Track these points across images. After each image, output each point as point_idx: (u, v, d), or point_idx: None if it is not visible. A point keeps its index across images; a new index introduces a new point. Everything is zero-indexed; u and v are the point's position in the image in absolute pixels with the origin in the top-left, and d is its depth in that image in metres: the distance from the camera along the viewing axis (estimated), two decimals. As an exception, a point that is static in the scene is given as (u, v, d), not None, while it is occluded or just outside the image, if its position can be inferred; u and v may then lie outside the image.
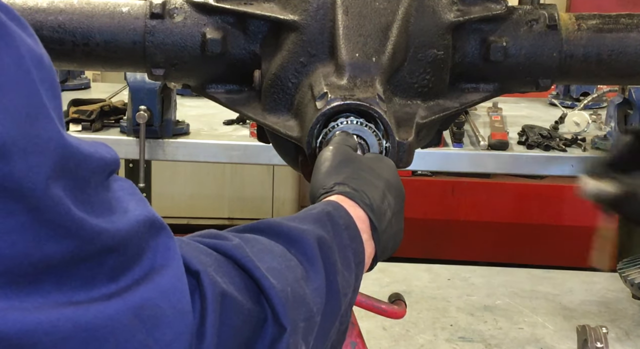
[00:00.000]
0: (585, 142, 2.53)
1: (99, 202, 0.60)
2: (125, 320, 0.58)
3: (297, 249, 0.77)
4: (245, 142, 2.41)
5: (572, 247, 4.07)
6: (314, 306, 0.74)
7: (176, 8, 1.20)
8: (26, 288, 0.54)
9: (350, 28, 1.10)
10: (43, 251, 0.55)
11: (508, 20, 1.22)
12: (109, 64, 1.25)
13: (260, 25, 1.18)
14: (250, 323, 0.68)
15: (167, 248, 0.63)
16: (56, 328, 0.55)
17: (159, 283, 0.61)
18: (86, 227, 0.57)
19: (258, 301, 0.69)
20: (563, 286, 1.72)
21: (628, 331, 1.51)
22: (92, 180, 0.60)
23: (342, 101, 1.02)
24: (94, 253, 0.58)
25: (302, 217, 0.82)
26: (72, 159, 0.58)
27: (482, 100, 1.24)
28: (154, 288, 0.60)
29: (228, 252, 0.70)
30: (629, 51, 1.21)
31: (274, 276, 0.70)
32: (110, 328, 0.57)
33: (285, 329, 0.69)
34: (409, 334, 1.49)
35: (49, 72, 0.59)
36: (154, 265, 0.61)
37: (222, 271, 0.68)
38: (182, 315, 0.61)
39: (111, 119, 2.52)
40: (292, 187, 4.43)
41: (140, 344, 0.59)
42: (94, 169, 0.60)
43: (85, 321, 0.56)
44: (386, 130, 1.02)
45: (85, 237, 0.57)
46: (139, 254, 0.61)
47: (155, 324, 0.60)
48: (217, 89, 1.23)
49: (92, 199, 0.59)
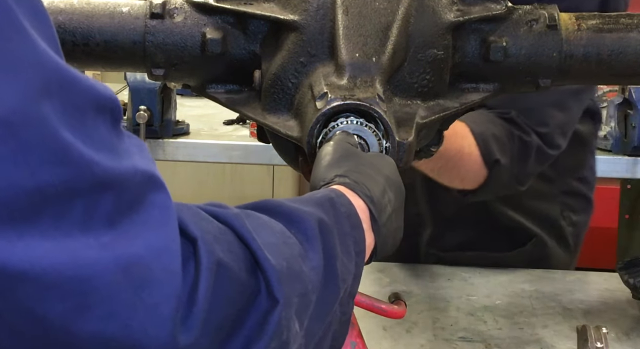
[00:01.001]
0: (586, 142, 2.53)
1: (98, 138, 0.59)
2: (112, 276, 0.57)
3: (297, 228, 0.76)
4: (245, 142, 2.41)
5: (572, 247, 4.07)
6: (309, 284, 0.74)
7: (176, 8, 1.20)
8: (24, 222, 0.54)
9: (350, 28, 1.10)
10: (36, 179, 0.54)
11: (508, 20, 1.22)
12: (109, 64, 1.25)
13: (260, 25, 1.18)
14: (244, 293, 0.68)
15: (165, 207, 0.62)
16: (43, 274, 0.54)
17: (152, 241, 0.60)
18: (75, 154, 0.56)
19: (253, 273, 0.69)
20: (563, 286, 1.72)
21: (628, 331, 1.51)
22: (88, 110, 0.59)
23: (342, 101, 1.02)
24: (89, 187, 0.57)
25: (304, 200, 0.82)
26: (56, 79, 0.56)
27: (482, 100, 1.24)
28: (147, 246, 0.60)
29: (228, 221, 0.70)
30: (629, 51, 1.21)
31: (270, 250, 0.70)
32: (97, 283, 0.57)
33: (278, 302, 0.69)
34: (409, 334, 1.49)
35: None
36: (150, 221, 0.61)
37: (220, 239, 0.67)
38: (171, 277, 0.61)
39: (111, 119, 2.52)
40: (292, 187, 4.43)
41: (125, 302, 0.58)
42: (91, 100, 0.59)
43: (74, 272, 0.56)
44: (386, 130, 1.02)
45: (78, 165, 0.56)
46: (137, 201, 0.60)
47: (143, 284, 0.59)
48: (217, 89, 1.23)
49: (89, 131, 0.58)
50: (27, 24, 0.56)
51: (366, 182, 0.91)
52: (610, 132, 2.43)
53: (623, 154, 2.39)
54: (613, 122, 2.41)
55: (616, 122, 2.39)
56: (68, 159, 0.56)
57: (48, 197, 0.55)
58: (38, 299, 0.55)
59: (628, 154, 2.39)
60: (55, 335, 0.57)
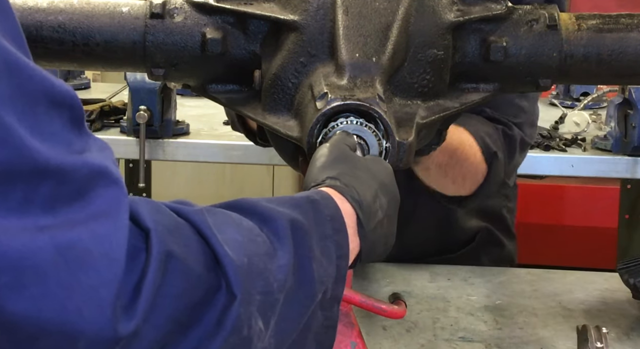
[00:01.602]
0: (585, 142, 2.53)
1: (49, 130, 0.60)
2: (48, 257, 0.58)
3: (269, 227, 0.76)
4: (245, 142, 2.40)
5: (572, 247, 4.07)
6: (274, 282, 0.74)
7: (176, 8, 1.20)
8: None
9: (350, 28, 1.10)
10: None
11: (508, 20, 1.22)
12: (109, 64, 1.25)
13: (260, 25, 1.18)
14: (201, 288, 0.68)
15: (115, 200, 0.63)
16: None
17: (94, 228, 0.61)
18: (17, 138, 0.57)
19: (212, 269, 0.69)
20: (563, 286, 1.72)
21: (628, 331, 1.51)
22: (40, 101, 0.59)
23: (342, 101, 1.02)
24: (27, 172, 0.58)
25: (282, 200, 0.82)
26: (4, 63, 0.57)
27: (482, 100, 1.24)
28: (88, 231, 0.60)
29: (189, 217, 0.70)
30: (629, 51, 1.21)
31: (230, 246, 0.70)
32: (31, 262, 0.57)
33: (236, 297, 0.69)
34: (409, 334, 1.49)
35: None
36: (95, 211, 0.61)
37: (177, 233, 0.68)
38: (112, 263, 0.61)
39: (111, 119, 2.52)
40: (292, 187, 4.43)
41: (61, 283, 0.59)
42: (44, 91, 0.60)
43: (8, 250, 0.56)
44: (386, 130, 1.02)
45: (18, 149, 0.57)
46: (80, 192, 0.61)
47: (80, 266, 0.59)
48: (217, 89, 1.23)
49: (39, 121, 0.59)
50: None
51: (357, 187, 0.90)
52: (610, 132, 2.43)
53: (623, 154, 2.40)
54: (613, 122, 2.41)
55: (616, 122, 2.39)
56: (8, 142, 0.56)
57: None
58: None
59: (628, 154, 2.39)
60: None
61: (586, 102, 2.85)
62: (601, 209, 3.92)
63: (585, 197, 4.05)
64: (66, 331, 0.59)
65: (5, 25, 0.59)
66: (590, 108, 2.88)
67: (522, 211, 4.01)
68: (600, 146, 2.46)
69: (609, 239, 3.58)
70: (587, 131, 2.60)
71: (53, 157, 0.59)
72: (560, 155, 2.47)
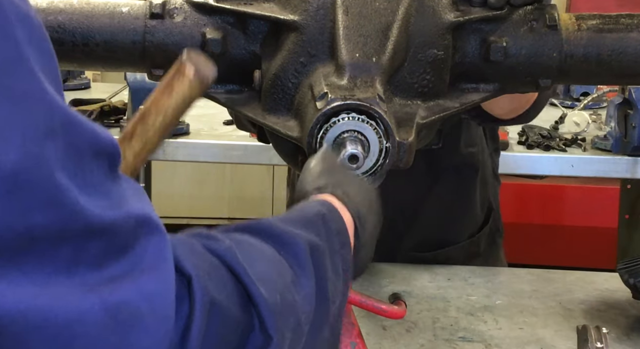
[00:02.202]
0: (585, 142, 2.53)
1: (93, 182, 0.58)
2: (99, 318, 0.56)
3: (288, 252, 0.75)
4: (245, 142, 2.41)
5: (572, 247, 4.07)
6: (302, 315, 0.73)
7: (176, 8, 1.20)
8: (8, 262, 0.52)
9: (351, 28, 1.10)
10: (27, 220, 0.53)
11: (508, 20, 1.22)
12: (108, 64, 1.25)
13: (260, 25, 1.18)
14: (238, 331, 0.67)
15: (159, 250, 0.61)
16: (27, 317, 0.53)
17: (143, 285, 0.59)
18: (69, 198, 0.55)
19: (246, 309, 0.68)
20: (563, 286, 1.72)
21: (628, 331, 1.51)
22: (86, 154, 0.58)
23: (342, 101, 1.02)
24: (79, 232, 0.55)
25: (295, 220, 0.80)
26: (59, 120, 0.55)
27: (482, 100, 1.24)
28: (137, 289, 0.58)
29: (220, 255, 0.68)
30: (629, 51, 1.21)
31: (263, 283, 0.69)
32: (82, 325, 0.55)
33: (272, 339, 0.68)
34: (409, 334, 1.49)
35: (37, 30, 0.56)
36: (141, 264, 0.59)
37: (214, 275, 0.66)
38: (162, 320, 0.59)
39: (111, 119, 2.52)
40: (292, 187, 4.43)
41: (113, 346, 0.57)
42: (91, 143, 0.58)
43: (58, 313, 0.54)
44: (386, 130, 1.02)
45: (70, 210, 0.55)
46: (126, 246, 0.59)
47: (132, 328, 0.57)
48: (217, 89, 1.23)
49: (85, 175, 0.57)
50: (37, 67, 0.55)
51: (356, 198, 0.90)
52: (610, 132, 2.43)
53: (623, 154, 2.40)
54: (613, 122, 2.41)
55: (616, 122, 2.39)
56: (61, 203, 0.54)
57: (37, 239, 0.53)
58: (21, 342, 0.53)
59: (628, 154, 2.39)
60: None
61: (586, 102, 2.85)
62: (601, 209, 3.92)
63: (585, 197, 4.05)
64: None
65: (52, 74, 0.57)
66: (590, 108, 2.88)
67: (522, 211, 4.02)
68: (600, 146, 2.47)
69: (609, 239, 3.58)
70: (587, 131, 2.61)
71: (102, 213, 0.57)
72: (560, 155, 2.47)
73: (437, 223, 1.81)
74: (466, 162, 1.79)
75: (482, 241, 1.87)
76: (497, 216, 1.92)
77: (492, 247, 1.90)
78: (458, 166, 1.79)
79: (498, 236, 1.92)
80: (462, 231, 1.85)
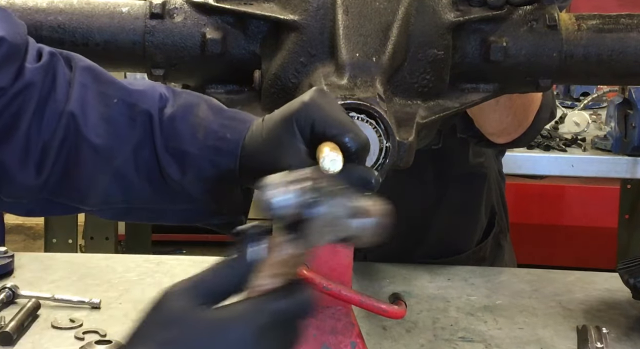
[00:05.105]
0: (585, 142, 2.54)
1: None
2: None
3: None
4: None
5: (572, 247, 4.07)
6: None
7: (176, 8, 1.20)
8: None
9: (351, 28, 1.10)
10: None
11: (508, 20, 1.22)
12: (109, 64, 1.25)
13: (260, 25, 1.18)
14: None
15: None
16: None
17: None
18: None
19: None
20: (563, 286, 1.72)
21: (628, 331, 1.51)
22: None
23: (342, 101, 1.02)
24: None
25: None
26: None
27: (482, 100, 1.24)
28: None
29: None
30: (629, 51, 1.21)
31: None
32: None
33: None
34: (409, 334, 1.49)
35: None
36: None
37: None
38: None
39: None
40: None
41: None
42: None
43: None
44: (386, 130, 1.02)
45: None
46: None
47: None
48: (217, 89, 1.23)
49: None
50: None
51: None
52: (610, 132, 2.43)
53: (623, 154, 2.40)
54: (613, 122, 2.41)
55: (616, 122, 2.39)
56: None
57: None
58: None
59: (628, 154, 2.39)
60: None
61: (586, 102, 2.85)
62: (601, 209, 3.92)
63: (585, 197, 4.06)
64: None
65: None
66: (590, 108, 2.89)
67: (522, 211, 4.03)
68: (600, 146, 2.47)
69: (609, 239, 3.59)
70: (587, 131, 2.61)
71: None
72: (560, 155, 2.47)
73: (447, 233, 1.82)
74: (475, 172, 1.80)
75: (488, 246, 1.88)
76: (501, 217, 1.92)
77: (497, 249, 1.90)
78: (467, 176, 1.79)
79: (502, 237, 1.92)
80: (471, 239, 1.85)
